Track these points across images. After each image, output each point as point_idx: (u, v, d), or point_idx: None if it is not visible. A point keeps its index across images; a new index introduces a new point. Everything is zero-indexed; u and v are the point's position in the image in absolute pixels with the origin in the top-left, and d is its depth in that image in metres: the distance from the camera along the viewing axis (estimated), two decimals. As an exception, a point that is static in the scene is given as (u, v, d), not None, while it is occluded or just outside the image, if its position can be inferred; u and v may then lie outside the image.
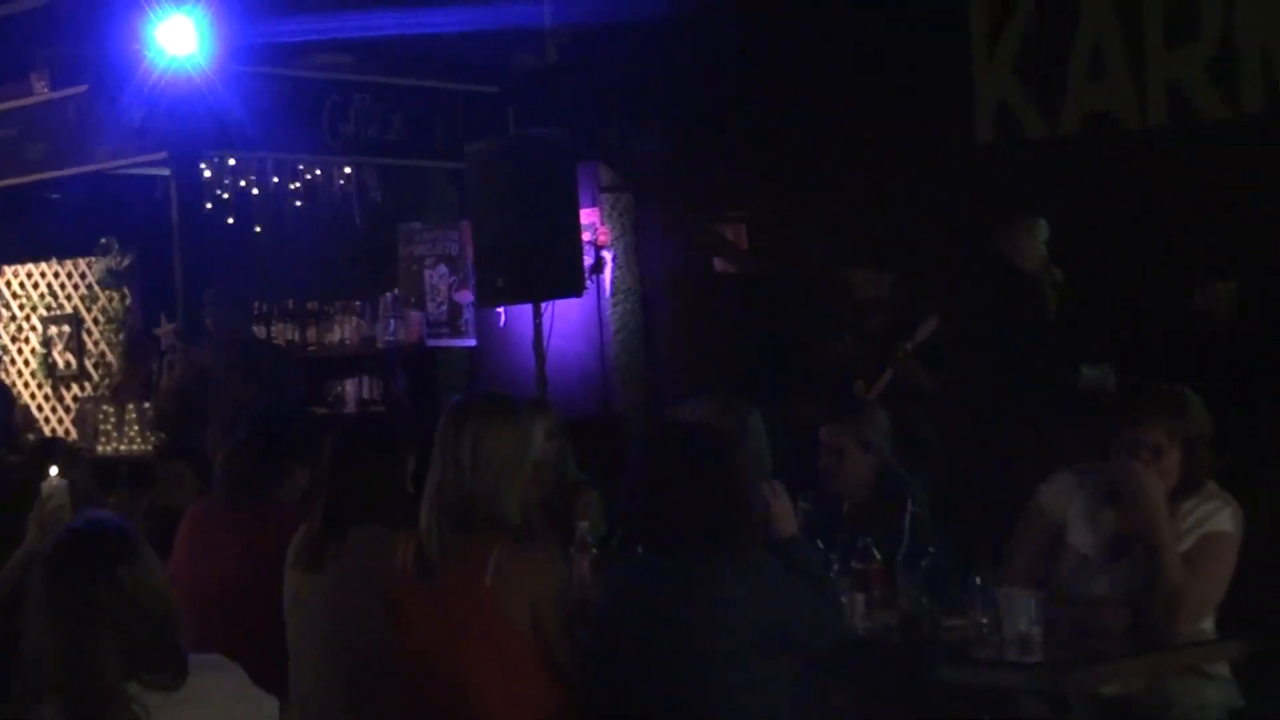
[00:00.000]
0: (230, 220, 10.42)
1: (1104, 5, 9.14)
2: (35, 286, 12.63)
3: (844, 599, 5.07)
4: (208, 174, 9.99)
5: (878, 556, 5.15)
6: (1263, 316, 8.36)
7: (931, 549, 5.13)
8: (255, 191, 10.31)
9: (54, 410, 12.53)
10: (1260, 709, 5.07)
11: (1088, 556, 5.17)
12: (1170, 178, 8.74)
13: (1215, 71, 8.82)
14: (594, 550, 5.46)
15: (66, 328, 12.42)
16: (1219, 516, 5.05)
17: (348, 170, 10.55)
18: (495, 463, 4.58)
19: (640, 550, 4.72)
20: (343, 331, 11.40)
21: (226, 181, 10.11)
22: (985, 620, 4.89)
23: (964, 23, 9.62)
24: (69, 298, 12.47)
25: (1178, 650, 4.94)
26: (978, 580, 5.03)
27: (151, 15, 9.12)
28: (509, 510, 4.56)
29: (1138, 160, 8.96)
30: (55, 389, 12.56)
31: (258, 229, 10.73)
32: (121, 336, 12.12)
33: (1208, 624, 5.06)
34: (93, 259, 12.19)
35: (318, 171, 10.47)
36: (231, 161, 10.08)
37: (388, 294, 11.25)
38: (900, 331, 8.53)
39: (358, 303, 11.34)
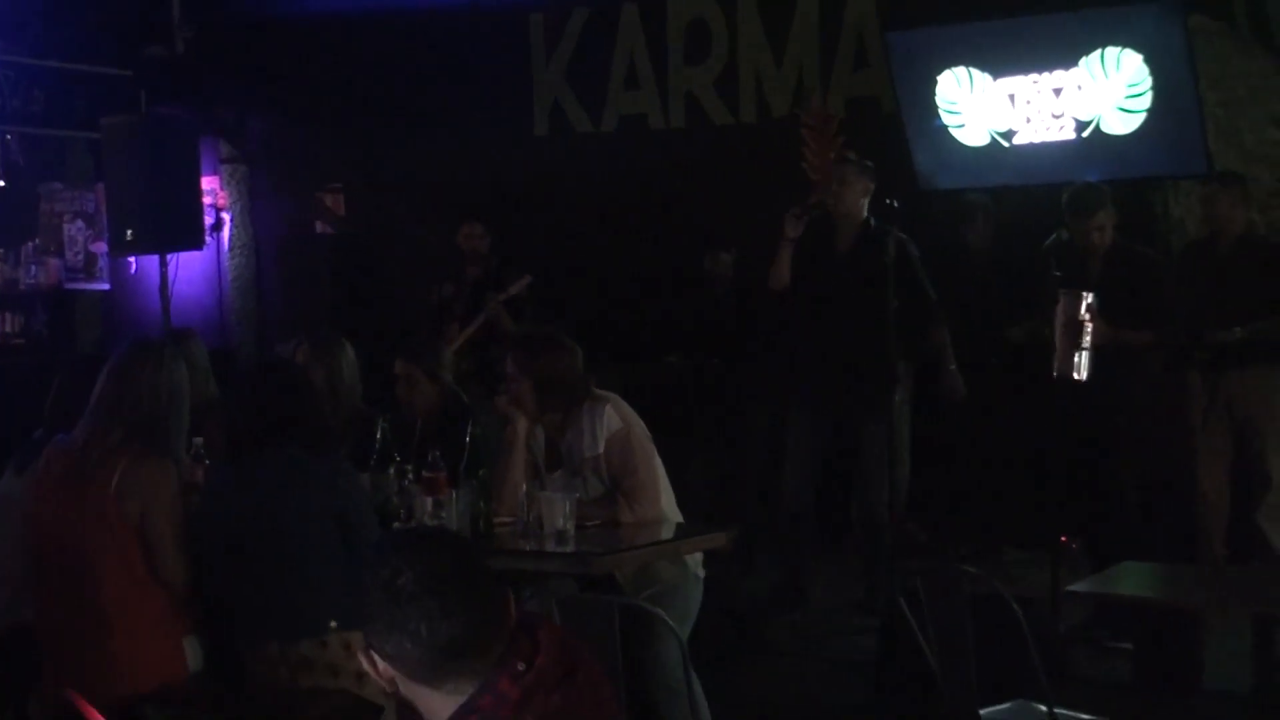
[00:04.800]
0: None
1: (636, 29, 9.29)
2: None
3: (415, 501, 5.04)
4: None
5: (443, 467, 5.08)
6: (754, 280, 8.63)
7: (487, 461, 5.14)
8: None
9: None
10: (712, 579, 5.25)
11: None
12: (686, 169, 8.96)
13: (721, 87, 9.07)
14: (207, 461, 5.29)
15: None
16: (606, 418, 5.11)
17: (-6, 136, 10.00)
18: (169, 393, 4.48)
19: (238, 457, 4.60)
20: (-13, 274, 10.82)
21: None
22: (530, 519, 4.94)
23: (526, 36, 9.66)
24: None
25: (672, 541, 5.04)
26: (524, 487, 5.11)
27: None
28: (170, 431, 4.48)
29: (662, 154, 9.13)
30: None
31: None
32: None
33: (666, 502, 5.18)
34: None
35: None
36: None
37: (29, 243, 10.74)
38: (492, 284, 8.51)
39: (1, 250, 10.79)
